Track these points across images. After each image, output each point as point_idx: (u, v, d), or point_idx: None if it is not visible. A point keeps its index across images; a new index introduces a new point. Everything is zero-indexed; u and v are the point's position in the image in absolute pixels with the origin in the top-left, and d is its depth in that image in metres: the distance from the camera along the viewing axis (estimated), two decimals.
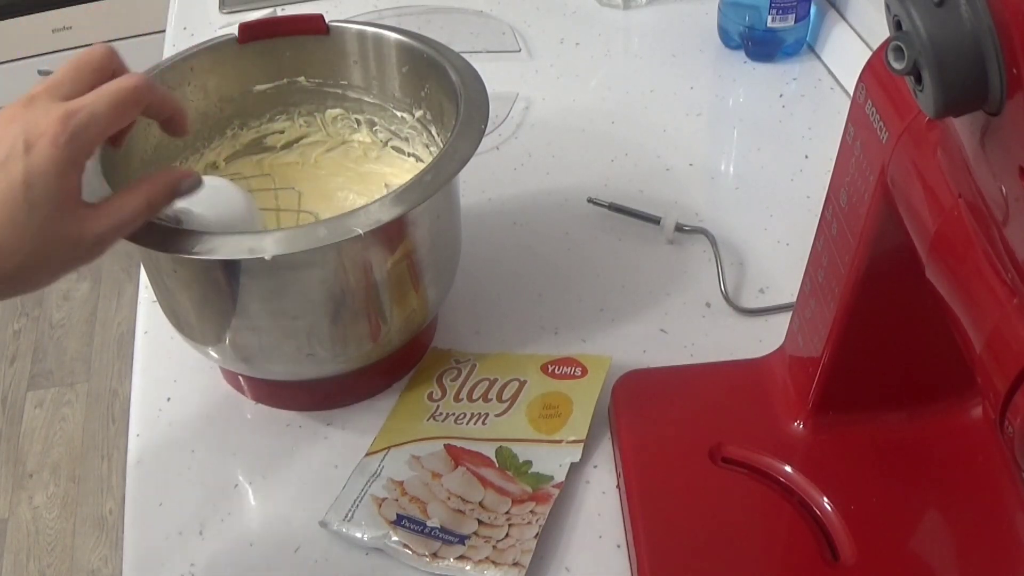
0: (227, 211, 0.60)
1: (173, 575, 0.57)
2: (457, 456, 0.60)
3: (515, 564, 0.54)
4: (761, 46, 0.97)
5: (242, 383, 0.66)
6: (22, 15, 2.24)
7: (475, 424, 0.62)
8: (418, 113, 0.70)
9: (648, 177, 0.84)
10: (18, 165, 0.42)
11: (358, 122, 0.73)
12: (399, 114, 0.72)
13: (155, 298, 0.65)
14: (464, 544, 0.55)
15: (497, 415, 0.62)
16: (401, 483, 0.58)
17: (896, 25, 0.33)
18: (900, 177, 0.44)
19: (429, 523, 0.56)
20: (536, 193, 0.83)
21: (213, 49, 0.69)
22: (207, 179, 0.63)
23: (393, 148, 0.73)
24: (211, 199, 0.60)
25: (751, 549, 0.55)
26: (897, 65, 0.33)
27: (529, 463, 0.59)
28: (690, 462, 0.58)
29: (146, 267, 0.64)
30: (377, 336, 0.61)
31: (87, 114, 0.43)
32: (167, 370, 0.69)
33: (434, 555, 0.54)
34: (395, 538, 0.55)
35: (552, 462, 0.59)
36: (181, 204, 0.58)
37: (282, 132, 0.73)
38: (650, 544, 0.54)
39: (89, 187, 0.56)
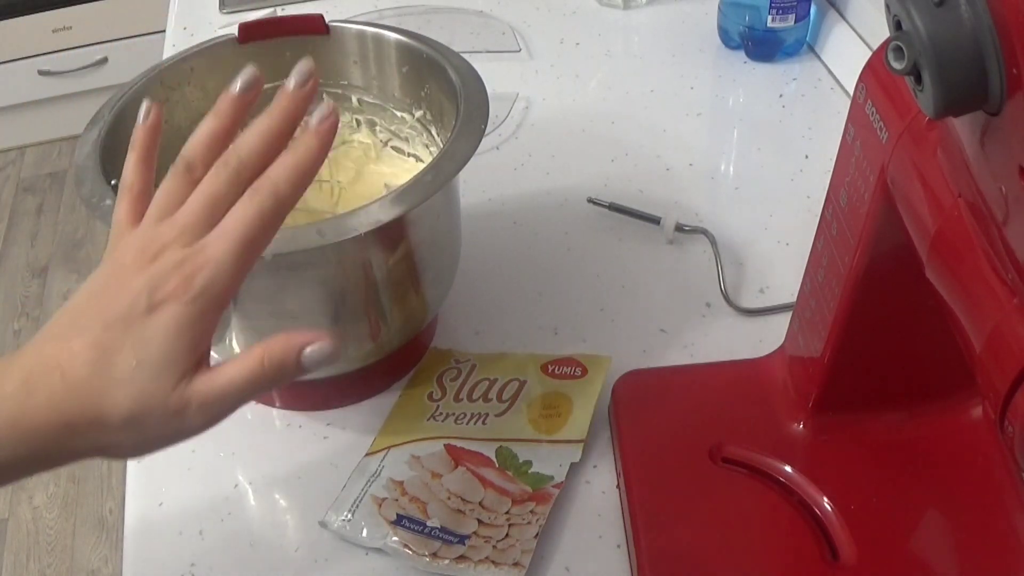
0: None
1: (173, 575, 0.57)
2: (457, 456, 0.60)
3: (515, 564, 0.54)
4: (761, 46, 0.97)
5: None
6: (22, 15, 2.25)
7: (475, 424, 0.62)
8: (418, 113, 0.70)
9: (648, 177, 0.84)
10: (136, 324, 0.39)
11: (358, 122, 0.73)
12: (399, 114, 0.72)
13: None
14: (464, 544, 0.55)
15: (497, 415, 0.62)
16: (401, 483, 0.58)
17: (896, 25, 0.33)
18: (900, 177, 0.44)
19: (429, 523, 0.56)
20: (536, 193, 0.83)
21: (213, 49, 0.69)
22: None
23: (393, 148, 0.73)
24: None
25: (751, 549, 0.55)
26: (897, 65, 0.33)
27: (529, 463, 0.59)
28: (690, 462, 0.58)
29: None
30: (377, 336, 0.61)
31: (214, 269, 0.39)
32: None
33: (434, 555, 0.54)
34: (395, 538, 0.55)
35: (552, 462, 0.59)
36: None
37: None
38: (650, 544, 0.54)
39: (91, 184, 0.56)
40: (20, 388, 0.39)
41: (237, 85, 0.44)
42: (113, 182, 0.57)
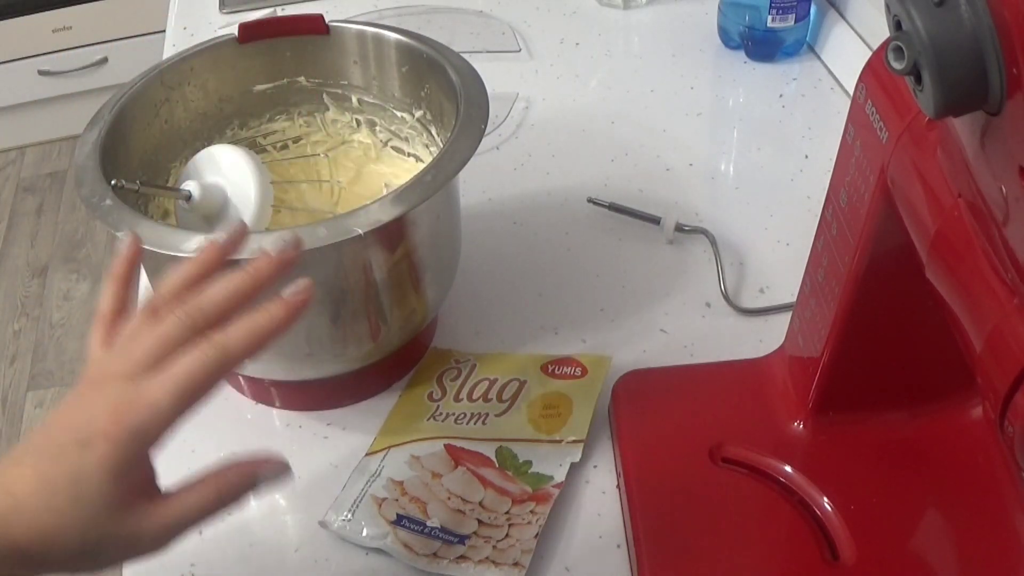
0: (239, 180, 0.60)
1: (173, 575, 0.57)
2: (457, 456, 0.60)
3: (515, 564, 0.54)
4: (761, 46, 0.97)
5: (242, 383, 0.66)
6: (22, 15, 2.24)
7: (475, 424, 0.62)
8: (418, 113, 0.70)
9: (648, 177, 0.84)
10: (70, 458, 0.39)
11: (358, 122, 0.73)
12: (399, 114, 0.72)
13: None
14: (464, 544, 0.55)
15: (497, 415, 0.62)
16: (401, 483, 0.58)
17: (896, 25, 0.33)
18: (900, 177, 0.44)
19: (429, 523, 0.56)
20: (536, 193, 0.83)
21: (213, 49, 0.69)
22: (217, 148, 0.64)
23: (393, 148, 0.73)
24: (223, 167, 0.61)
25: (751, 549, 0.55)
26: (897, 65, 0.33)
27: (529, 463, 0.59)
28: (690, 462, 0.58)
29: (146, 267, 0.64)
30: (377, 336, 0.61)
31: (148, 410, 0.40)
32: None
33: (434, 555, 0.54)
34: (395, 538, 0.55)
35: (552, 462, 0.59)
36: (190, 181, 0.58)
37: (282, 132, 0.74)
38: (650, 544, 0.54)
39: (91, 184, 0.56)
40: None
41: (223, 236, 0.45)
42: (113, 182, 0.57)
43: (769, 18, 0.94)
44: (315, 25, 0.69)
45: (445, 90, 0.65)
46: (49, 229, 2.25)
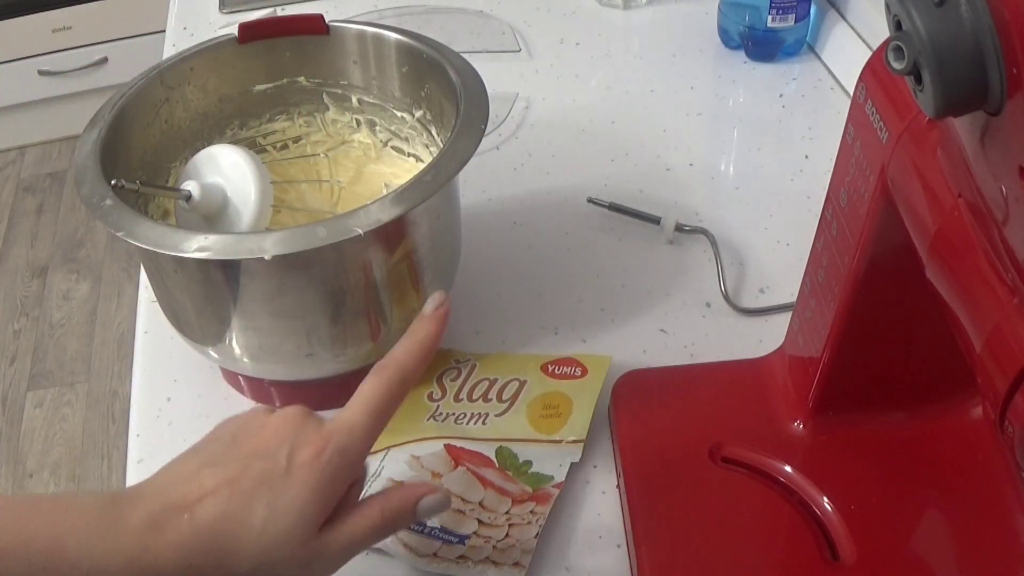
0: (239, 180, 0.60)
1: None
2: (457, 456, 0.60)
3: (515, 564, 0.54)
4: (761, 46, 0.97)
5: (242, 383, 0.66)
6: (22, 15, 2.25)
7: (475, 424, 0.62)
8: (418, 113, 0.70)
9: (648, 177, 0.84)
10: (276, 477, 0.42)
11: (358, 122, 0.73)
12: (399, 114, 0.72)
13: (155, 298, 0.65)
14: (464, 544, 0.55)
15: (497, 415, 0.62)
16: (401, 483, 0.58)
17: (896, 25, 0.33)
18: (900, 177, 0.44)
19: (429, 523, 0.56)
20: (536, 193, 0.83)
21: (213, 49, 0.69)
22: (217, 148, 0.63)
23: (393, 148, 0.73)
24: (223, 167, 0.60)
25: (751, 549, 0.55)
26: (897, 65, 0.33)
27: (529, 463, 0.59)
28: (690, 462, 0.58)
29: (146, 267, 0.64)
30: (377, 336, 0.61)
31: (346, 435, 0.44)
32: (167, 370, 0.69)
33: (434, 555, 0.54)
34: (395, 538, 0.55)
35: (552, 462, 0.59)
36: (190, 181, 0.58)
37: (282, 132, 0.74)
38: (650, 544, 0.54)
39: (91, 184, 0.56)
40: (145, 524, 0.40)
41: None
42: (113, 182, 0.57)
43: (769, 18, 0.94)
44: (315, 25, 0.69)
45: (445, 90, 0.65)
46: (49, 229, 2.25)
